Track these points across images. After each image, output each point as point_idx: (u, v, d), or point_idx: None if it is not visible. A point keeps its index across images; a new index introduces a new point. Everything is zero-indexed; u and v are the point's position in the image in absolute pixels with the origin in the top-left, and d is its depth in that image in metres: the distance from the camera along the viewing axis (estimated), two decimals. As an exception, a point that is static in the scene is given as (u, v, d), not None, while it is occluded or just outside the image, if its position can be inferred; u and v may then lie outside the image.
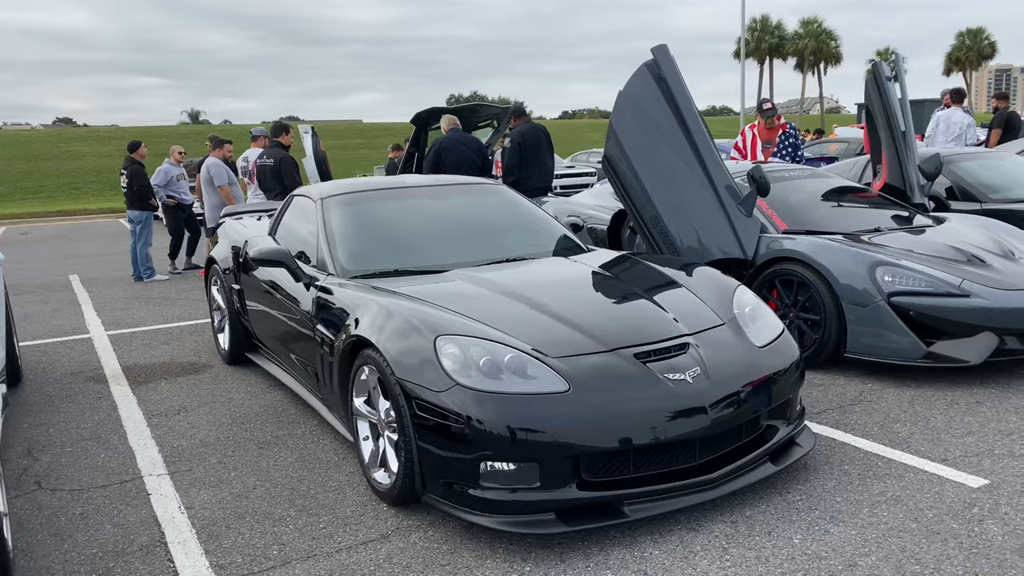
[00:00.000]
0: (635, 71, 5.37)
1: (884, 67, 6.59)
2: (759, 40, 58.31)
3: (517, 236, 4.62)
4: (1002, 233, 5.44)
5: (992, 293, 4.58)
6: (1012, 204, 6.61)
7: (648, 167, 5.32)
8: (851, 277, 4.72)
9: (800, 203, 5.73)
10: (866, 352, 4.74)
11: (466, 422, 2.86)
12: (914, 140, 6.47)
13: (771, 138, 7.94)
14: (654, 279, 3.94)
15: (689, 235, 5.32)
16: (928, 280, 4.61)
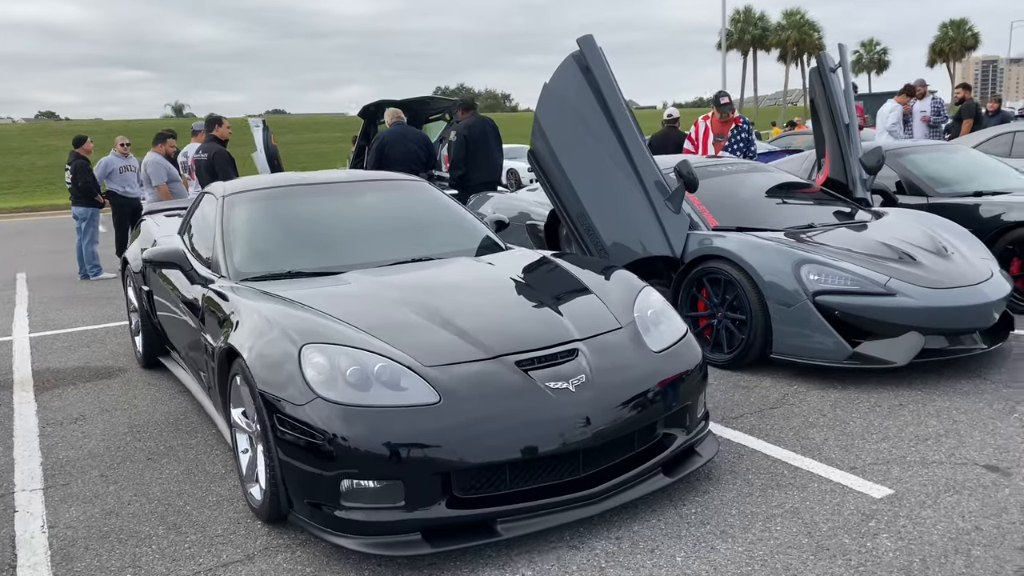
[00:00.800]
0: (561, 63, 5.19)
1: (828, 58, 6.44)
2: (742, 32, 58.29)
3: (431, 235, 4.45)
4: (939, 229, 5.31)
5: (919, 292, 4.44)
6: (958, 198, 6.49)
7: (574, 162, 5.15)
8: (776, 275, 4.57)
9: (734, 199, 5.57)
10: (792, 353, 4.60)
11: (327, 438, 2.69)
12: (857, 133, 6.32)
13: (724, 131, 7.79)
14: (561, 282, 3.77)
15: (616, 232, 5.16)
16: (854, 279, 4.47)
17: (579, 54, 5.13)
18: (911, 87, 11.16)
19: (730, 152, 7.71)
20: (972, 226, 6.16)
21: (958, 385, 4.44)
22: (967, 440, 3.71)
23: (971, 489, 3.22)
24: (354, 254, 4.04)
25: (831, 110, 6.32)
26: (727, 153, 7.73)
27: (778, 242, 4.76)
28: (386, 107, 8.59)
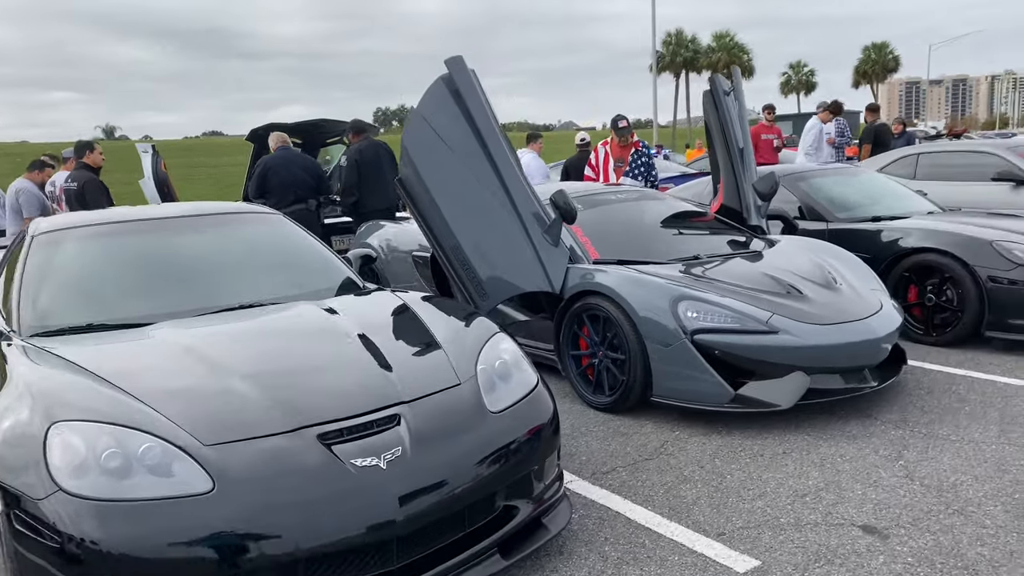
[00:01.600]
0: (429, 86, 4.81)
1: (722, 81, 6.22)
2: (674, 54, 59.24)
3: (274, 277, 3.99)
4: (829, 258, 5.08)
5: (802, 329, 4.17)
6: (856, 223, 6.31)
7: (446, 192, 4.76)
8: (654, 312, 4.25)
9: (620, 229, 5.26)
10: (672, 396, 4.27)
11: (72, 540, 2.22)
12: (752, 158, 6.10)
13: (624, 156, 7.52)
14: (407, 332, 3.35)
15: (492, 266, 4.79)
16: (734, 316, 4.17)
17: (448, 77, 4.76)
18: (838, 104, 11.15)
19: (631, 178, 7.44)
20: (870, 252, 6.00)
21: (847, 428, 4.16)
22: (847, 494, 3.41)
23: (843, 557, 2.90)
24: (173, 301, 3.56)
25: (724, 134, 6.09)
26: (628, 179, 7.46)
27: (656, 277, 4.45)
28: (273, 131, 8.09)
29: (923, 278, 5.75)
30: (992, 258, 5.40)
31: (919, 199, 7.11)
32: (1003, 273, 5.33)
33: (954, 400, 4.52)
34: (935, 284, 5.69)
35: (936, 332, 5.69)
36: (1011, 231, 5.69)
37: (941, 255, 5.60)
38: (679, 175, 13.96)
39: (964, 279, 5.46)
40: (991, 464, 3.65)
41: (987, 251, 5.44)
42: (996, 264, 5.37)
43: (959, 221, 6.06)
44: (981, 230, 5.71)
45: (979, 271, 5.40)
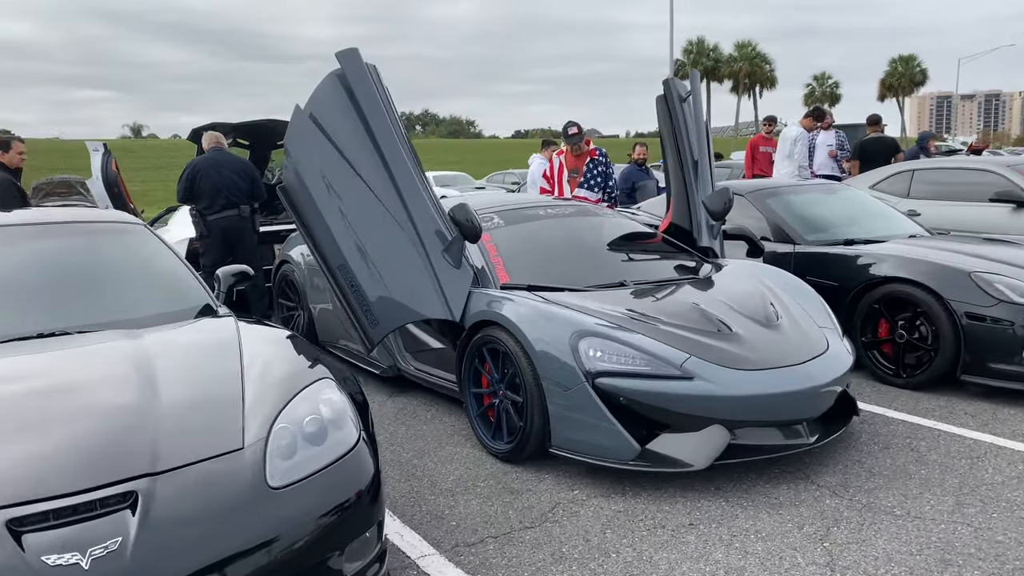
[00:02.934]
0: (320, 82, 4.25)
1: (679, 85, 5.59)
2: (694, 63, 58.37)
3: (101, 299, 3.43)
4: (778, 289, 4.43)
5: (723, 375, 3.54)
6: (826, 247, 5.66)
7: (333, 202, 4.20)
8: (553, 349, 3.64)
9: (541, 249, 4.66)
10: (571, 448, 3.66)
11: None
12: (708, 172, 5.46)
13: (579, 166, 6.91)
14: (210, 375, 2.75)
15: (384, 289, 4.20)
16: (644, 357, 3.55)
17: (342, 72, 4.19)
18: (820, 110, 10.43)
19: (586, 189, 6.83)
20: (837, 280, 5.37)
21: (774, 493, 3.53)
22: (748, 588, 2.78)
23: None
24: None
25: (677, 145, 5.46)
26: (583, 190, 6.85)
27: (562, 307, 3.84)
28: (223, 130, 7.54)
29: (894, 311, 5.09)
30: (970, 291, 4.73)
31: (903, 221, 6.44)
32: (981, 309, 4.66)
33: (911, 460, 3.87)
34: (907, 319, 5.02)
35: (907, 373, 5.02)
36: (998, 261, 5.02)
37: (913, 286, 4.93)
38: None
39: (938, 314, 4.79)
40: (934, 552, 3.00)
41: (964, 283, 4.77)
42: (974, 298, 4.70)
43: (939, 247, 5.38)
44: (961, 259, 5.04)
45: (954, 306, 4.73)
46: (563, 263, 4.53)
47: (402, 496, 3.60)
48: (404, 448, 4.17)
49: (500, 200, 5.28)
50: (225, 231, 6.71)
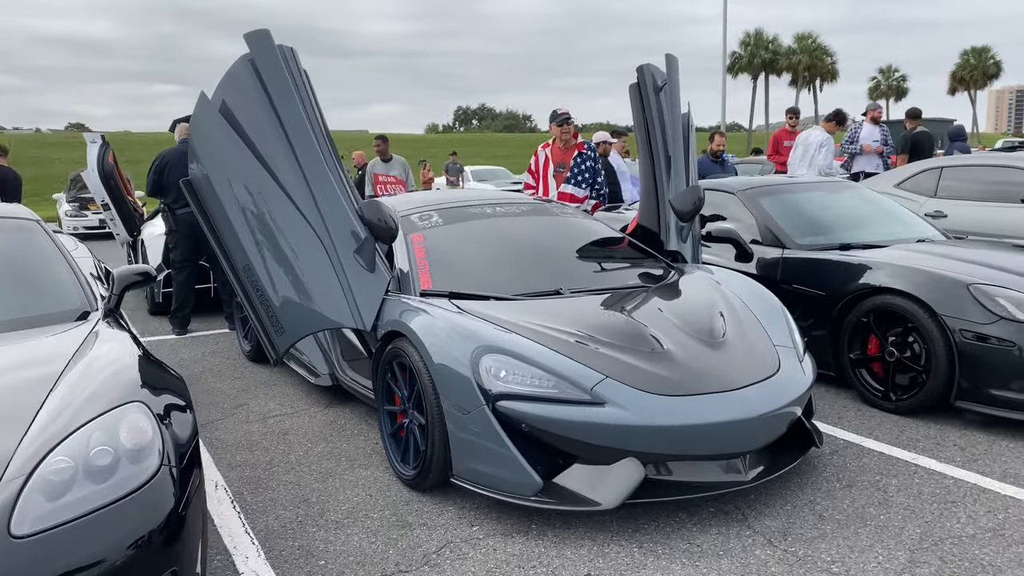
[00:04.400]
0: (229, 68, 3.92)
1: (654, 73, 5.10)
2: (752, 55, 56.74)
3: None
4: (737, 300, 3.94)
5: (639, 401, 3.08)
6: (817, 252, 5.11)
7: (238, 198, 3.87)
8: (453, 365, 3.24)
9: (476, 252, 4.25)
10: (471, 479, 3.25)
11: None
12: (682, 170, 4.95)
13: (566, 160, 6.44)
14: (11, 400, 2.44)
15: (292, 293, 3.86)
16: (551, 378, 3.12)
17: (252, 56, 3.85)
18: (842, 114, 9.74)
19: (573, 185, 6.38)
20: (824, 290, 4.83)
21: (700, 539, 3.06)
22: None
23: None
24: None
25: (649, 139, 4.98)
26: (569, 187, 6.40)
27: (471, 318, 3.43)
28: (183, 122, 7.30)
29: (885, 326, 4.53)
30: (967, 306, 4.15)
31: (916, 223, 5.82)
32: (979, 326, 4.08)
33: (873, 502, 3.35)
34: (898, 335, 4.46)
35: (897, 396, 4.46)
36: (1011, 271, 4.42)
37: (904, 298, 4.37)
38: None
39: (931, 331, 4.22)
40: (861, 624, 2.51)
41: (961, 296, 4.19)
42: (971, 314, 4.12)
43: (944, 255, 4.79)
44: (964, 268, 4.45)
45: (949, 322, 4.16)
46: (498, 268, 4.11)
47: (282, 526, 3.24)
48: (310, 469, 3.83)
49: (448, 197, 4.89)
50: (193, 226, 6.48)
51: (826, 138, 9.43)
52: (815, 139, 9.38)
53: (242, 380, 5.37)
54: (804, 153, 9.32)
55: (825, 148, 9.30)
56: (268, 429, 4.39)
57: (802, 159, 9.27)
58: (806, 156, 9.31)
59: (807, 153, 9.31)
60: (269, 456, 4.00)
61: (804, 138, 9.43)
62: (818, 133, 9.45)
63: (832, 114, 9.74)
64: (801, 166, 9.35)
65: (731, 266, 5.39)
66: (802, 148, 9.36)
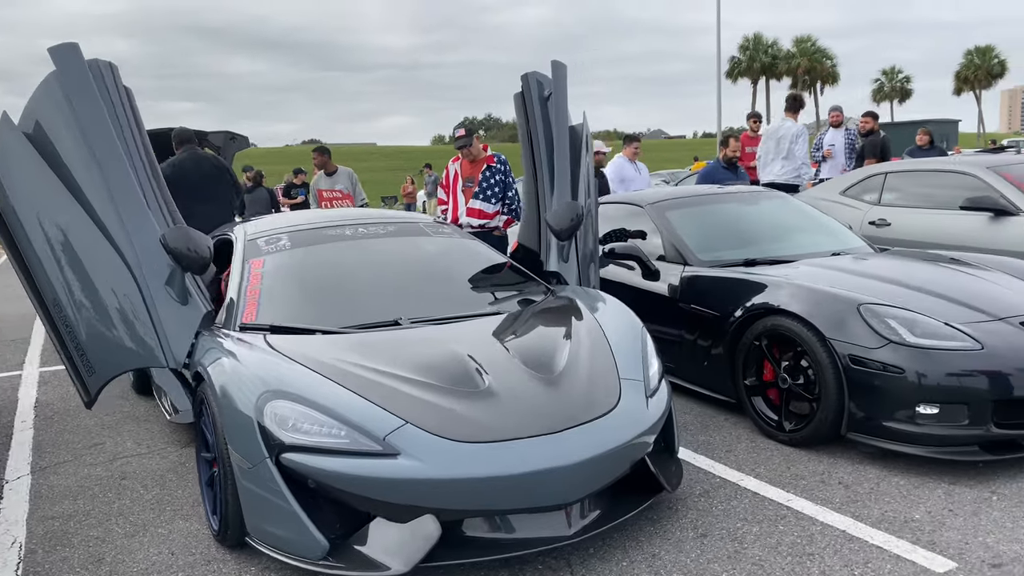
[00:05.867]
0: (39, 84, 3.62)
1: (540, 80, 4.78)
2: (751, 59, 56.30)
3: None
4: (595, 326, 3.59)
5: (439, 450, 2.74)
6: (717, 269, 4.75)
7: (42, 226, 3.56)
8: (241, 412, 2.91)
9: (317, 279, 3.92)
10: (262, 539, 2.91)
11: None
12: (568, 185, 4.60)
13: (474, 175, 6.11)
14: None
15: (100, 330, 3.54)
16: (341, 426, 2.78)
17: (56, 74, 3.55)
18: (797, 98, 9.33)
19: (482, 200, 6.05)
20: (718, 310, 4.48)
21: (506, 604, 2.71)
22: None
23: None
24: None
25: (532, 152, 4.65)
26: (479, 201, 6.07)
27: (269, 355, 3.11)
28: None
29: (780, 350, 4.17)
30: (856, 328, 3.78)
31: (840, 234, 5.46)
32: (867, 351, 3.71)
33: (721, 556, 2.99)
34: (790, 359, 4.10)
35: (790, 426, 4.10)
36: (916, 288, 4.06)
37: (794, 319, 4.01)
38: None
39: (819, 356, 3.86)
40: None
41: (850, 318, 3.83)
42: (860, 337, 3.76)
43: (847, 270, 4.45)
44: (861, 285, 4.11)
45: (837, 346, 3.80)
46: (335, 296, 3.79)
47: (54, 594, 2.92)
48: (126, 521, 3.50)
49: (309, 218, 4.56)
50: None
51: (801, 127, 9.04)
52: (790, 130, 8.92)
53: (113, 416, 5.05)
54: (778, 145, 8.88)
55: (802, 138, 8.93)
56: (110, 473, 4.08)
57: (776, 152, 8.83)
58: (780, 148, 8.87)
59: (781, 145, 8.88)
60: (92, 505, 3.68)
61: (774, 131, 8.94)
62: (791, 123, 9.03)
63: (788, 99, 9.33)
64: (776, 161, 8.89)
65: (641, 285, 5.08)
66: (774, 141, 8.90)
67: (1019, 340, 3.71)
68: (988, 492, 3.42)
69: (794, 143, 8.92)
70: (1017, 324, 3.81)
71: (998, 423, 3.59)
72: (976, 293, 4.11)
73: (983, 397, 3.56)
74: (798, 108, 9.22)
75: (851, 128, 10.31)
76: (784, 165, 8.87)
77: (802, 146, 9.04)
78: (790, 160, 8.90)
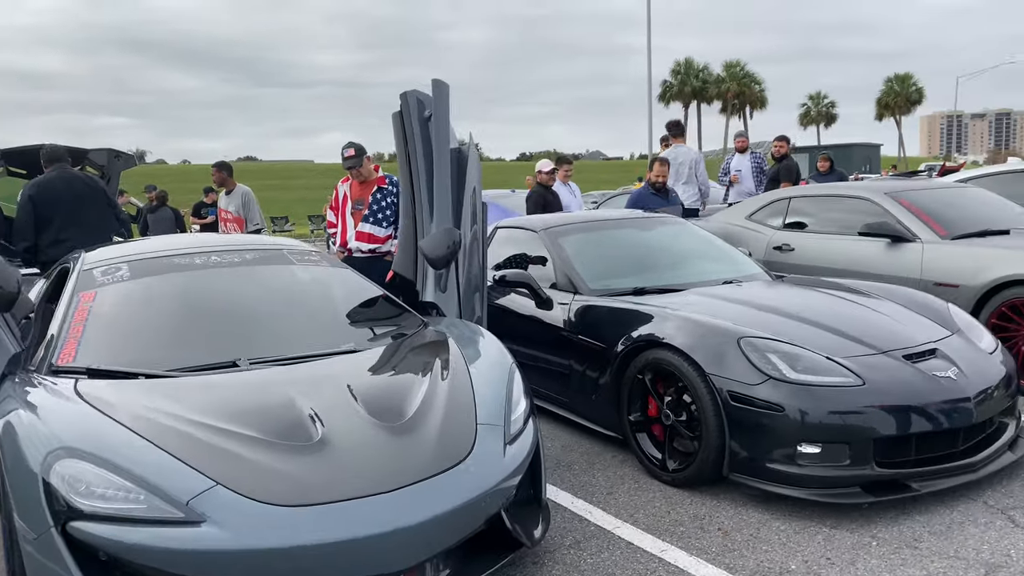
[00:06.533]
0: None
1: (421, 101, 4.51)
2: (683, 83, 57.40)
3: None
4: (459, 365, 3.31)
5: (249, 515, 2.41)
6: (605, 298, 4.55)
7: None
8: (26, 473, 2.54)
9: (152, 314, 3.54)
10: (51, 620, 2.53)
11: None
12: (448, 210, 4.34)
13: (364, 197, 5.80)
14: None
15: None
16: (138, 490, 2.44)
17: None
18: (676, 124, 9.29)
19: (371, 223, 5.74)
20: (605, 342, 4.27)
21: None
22: None
23: None
24: None
25: (411, 175, 4.38)
26: (369, 224, 5.76)
27: (76, 403, 2.74)
28: None
29: (664, 384, 3.96)
30: (736, 363, 3.60)
31: (737, 261, 5.32)
32: (747, 388, 3.52)
33: (580, 619, 2.72)
34: (674, 394, 3.89)
35: (674, 465, 3.88)
36: (802, 320, 3.92)
37: (675, 353, 3.80)
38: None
39: (700, 392, 3.66)
40: None
41: (731, 352, 3.64)
42: (739, 373, 3.57)
43: (738, 300, 4.28)
44: (753, 316, 3.95)
45: (716, 381, 3.60)
46: (169, 334, 3.43)
47: None
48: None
49: (159, 245, 4.17)
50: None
51: (699, 152, 8.99)
52: (688, 155, 8.86)
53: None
54: (677, 172, 8.75)
55: (702, 162, 8.86)
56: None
57: (676, 177, 8.68)
58: (680, 173, 8.75)
59: (680, 171, 8.77)
60: None
61: (672, 158, 8.86)
62: (685, 148, 8.99)
63: (673, 128, 9.25)
64: (677, 186, 8.76)
65: (536, 314, 4.84)
66: (674, 167, 8.81)
67: (901, 375, 3.58)
68: (868, 537, 3.24)
69: (695, 168, 8.87)
70: (900, 358, 3.68)
71: (881, 462, 3.44)
72: (863, 325, 3.99)
73: (864, 435, 3.40)
74: (682, 132, 9.20)
75: (757, 152, 10.33)
76: (686, 190, 8.80)
77: (703, 169, 8.99)
78: (691, 185, 8.84)
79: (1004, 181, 8.10)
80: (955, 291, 5.41)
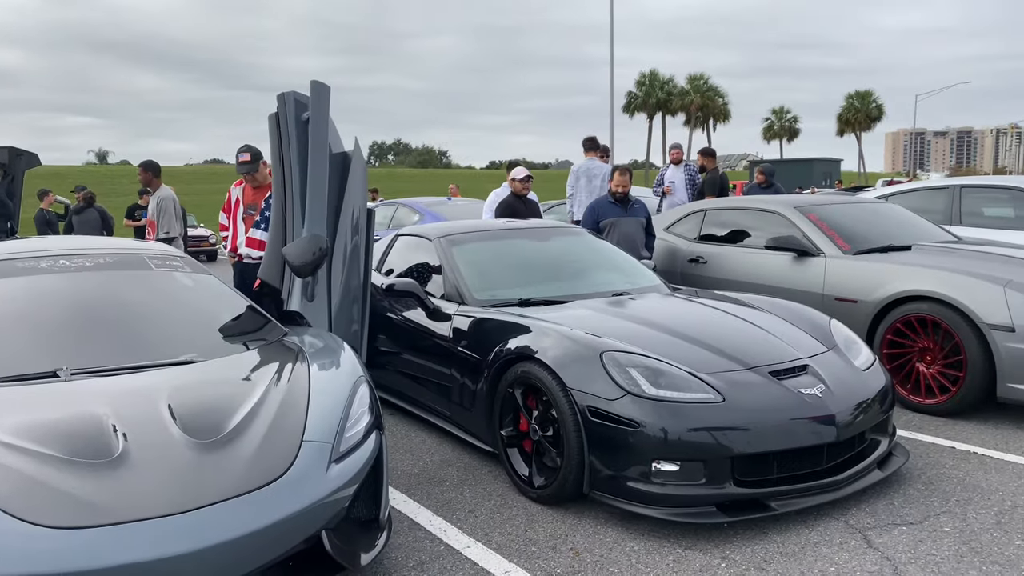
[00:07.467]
0: None
1: (299, 101, 4.37)
2: (647, 95, 57.81)
3: None
4: (300, 382, 3.17)
5: (17, 537, 2.25)
6: (488, 310, 4.44)
7: None
8: None
9: None
10: None
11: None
12: (323, 217, 4.20)
13: (257, 202, 5.64)
14: None
15: None
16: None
17: None
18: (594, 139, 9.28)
19: (262, 230, 5.57)
20: (479, 353, 4.17)
21: None
22: None
23: None
24: None
25: (284, 179, 4.24)
26: (259, 231, 5.60)
27: None
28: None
29: (534, 398, 3.86)
30: (596, 378, 3.51)
31: (634, 273, 5.26)
32: (606, 404, 3.43)
33: (396, 647, 2.59)
34: (540, 409, 3.79)
35: (540, 481, 3.77)
36: (678, 335, 3.84)
37: (540, 367, 3.71)
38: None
39: (561, 406, 3.56)
40: None
41: (593, 366, 3.55)
42: (599, 388, 3.48)
43: (615, 313, 4.20)
44: (625, 328, 3.88)
45: (577, 396, 3.51)
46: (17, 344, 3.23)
47: None
48: None
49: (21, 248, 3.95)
50: None
51: (597, 166, 8.96)
52: (602, 168, 8.86)
53: None
54: (590, 183, 8.77)
55: (599, 177, 8.84)
56: None
57: (588, 190, 8.68)
58: (592, 185, 8.75)
59: (593, 183, 8.77)
60: None
61: (585, 170, 8.83)
62: (599, 162, 9.00)
63: (588, 144, 9.23)
64: (589, 198, 8.72)
65: (425, 324, 4.72)
66: (585, 179, 8.82)
67: (764, 391, 3.52)
68: (719, 558, 3.16)
69: (606, 180, 8.83)
70: (766, 374, 3.62)
71: (741, 481, 3.37)
72: (739, 339, 3.93)
73: (721, 453, 3.32)
74: (596, 147, 9.21)
75: (691, 164, 10.35)
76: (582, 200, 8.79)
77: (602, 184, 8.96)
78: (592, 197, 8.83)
79: (922, 197, 8.19)
80: (854, 306, 5.41)
